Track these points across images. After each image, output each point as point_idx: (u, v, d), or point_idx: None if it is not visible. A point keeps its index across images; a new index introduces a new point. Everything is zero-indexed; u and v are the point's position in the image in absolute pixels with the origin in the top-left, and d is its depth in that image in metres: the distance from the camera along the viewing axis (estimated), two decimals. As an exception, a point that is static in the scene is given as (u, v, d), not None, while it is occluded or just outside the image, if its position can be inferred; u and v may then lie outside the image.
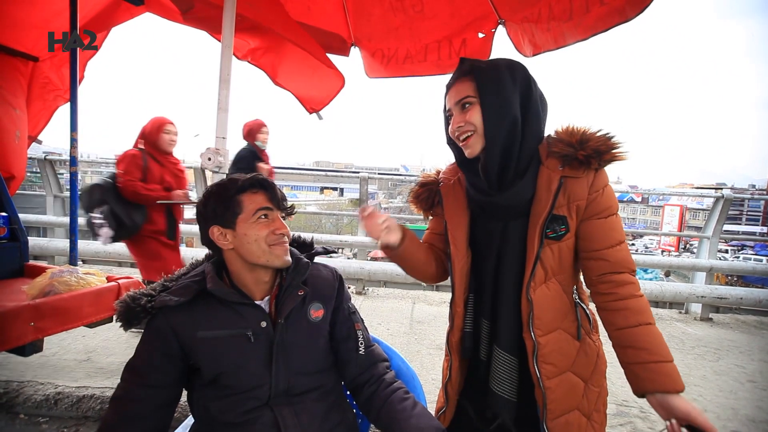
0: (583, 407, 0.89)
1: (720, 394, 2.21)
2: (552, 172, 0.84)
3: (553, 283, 0.86)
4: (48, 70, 2.09)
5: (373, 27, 1.92)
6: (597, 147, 0.81)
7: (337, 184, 46.80)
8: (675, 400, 0.74)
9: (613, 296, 0.83)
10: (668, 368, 0.76)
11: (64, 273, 1.34)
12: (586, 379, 0.90)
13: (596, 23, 1.33)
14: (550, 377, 0.85)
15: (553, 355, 0.85)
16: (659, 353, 0.77)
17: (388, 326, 2.93)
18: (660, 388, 0.75)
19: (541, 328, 0.84)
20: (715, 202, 3.83)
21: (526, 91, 0.85)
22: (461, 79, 0.87)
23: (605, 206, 0.83)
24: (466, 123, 0.86)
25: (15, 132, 1.86)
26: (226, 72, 1.20)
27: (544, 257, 0.84)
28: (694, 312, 3.63)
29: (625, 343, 0.80)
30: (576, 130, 0.83)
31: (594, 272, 0.85)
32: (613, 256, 0.83)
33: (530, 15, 1.56)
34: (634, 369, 0.79)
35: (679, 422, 0.73)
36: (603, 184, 0.83)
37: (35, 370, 2.00)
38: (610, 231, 0.83)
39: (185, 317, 0.83)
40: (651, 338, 0.78)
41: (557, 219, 0.83)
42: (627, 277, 0.83)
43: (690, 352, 2.79)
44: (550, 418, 0.85)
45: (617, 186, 25.67)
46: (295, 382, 0.86)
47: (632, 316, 0.80)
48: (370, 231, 0.91)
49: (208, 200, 0.87)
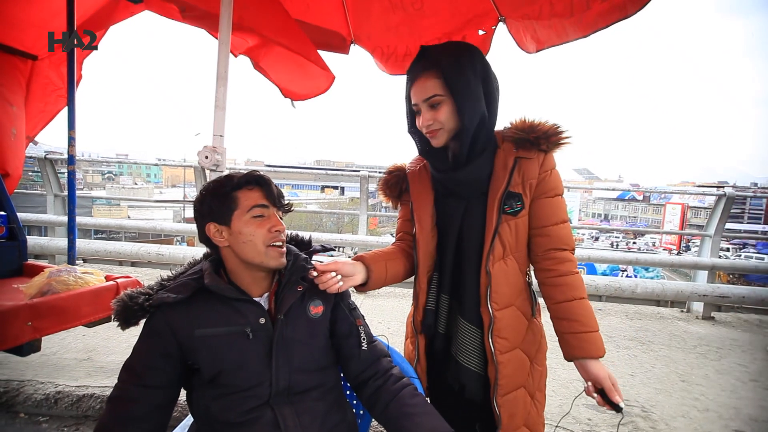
0: (529, 385, 0.98)
1: (722, 393, 2.20)
2: (507, 154, 0.93)
3: (510, 260, 0.94)
4: (48, 69, 2.08)
5: (372, 25, 1.91)
6: (545, 131, 0.91)
7: (338, 182, 46.85)
8: (594, 365, 0.86)
9: (553, 272, 0.92)
10: (594, 337, 0.88)
11: (62, 272, 1.33)
12: (532, 358, 0.99)
13: (597, 20, 1.32)
14: (503, 352, 0.92)
15: (507, 330, 0.93)
16: (588, 324, 0.89)
17: (388, 325, 2.93)
18: (586, 354, 0.87)
19: (497, 302, 0.92)
20: (717, 200, 3.81)
21: (485, 77, 0.91)
22: (426, 74, 0.90)
23: (552, 186, 0.93)
24: (435, 122, 0.91)
25: (11, 129, 1.85)
26: (224, 69, 1.19)
27: (502, 232, 0.92)
28: (696, 310, 3.62)
29: (561, 316, 0.91)
30: (527, 121, 0.94)
31: (540, 248, 0.94)
32: (556, 232, 0.93)
33: (531, 12, 1.54)
34: (566, 338, 0.90)
35: (594, 385, 0.86)
36: (551, 166, 0.93)
37: (35, 369, 2.00)
38: (555, 209, 0.93)
39: (183, 315, 0.82)
40: (583, 311, 0.89)
41: (513, 196, 0.92)
42: (567, 254, 0.93)
43: (692, 350, 2.78)
44: (500, 394, 0.93)
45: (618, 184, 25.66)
46: (295, 380, 0.85)
47: (569, 291, 0.90)
48: (328, 289, 0.90)
49: (204, 197, 0.87)
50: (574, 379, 2.15)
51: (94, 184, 48.38)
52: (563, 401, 1.95)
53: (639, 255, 4.26)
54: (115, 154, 62.34)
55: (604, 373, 0.86)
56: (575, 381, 2.14)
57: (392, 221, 35.80)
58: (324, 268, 0.90)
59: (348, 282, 0.94)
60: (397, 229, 1.14)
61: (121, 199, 23.54)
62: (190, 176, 29.17)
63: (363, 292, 1.02)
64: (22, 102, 2.00)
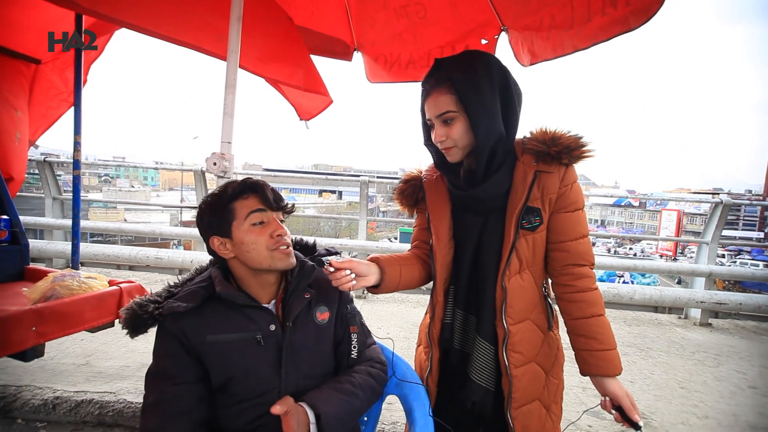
0: (544, 398, 0.96)
1: (721, 400, 2.21)
2: (527, 167, 0.90)
3: (527, 274, 0.92)
4: (51, 73, 2.09)
5: (376, 32, 1.93)
6: (567, 144, 0.87)
7: (335, 187, 46.87)
8: (612, 382, 0.86)
9: (571, 288, 0.90)
10: (611, 355, 0.87)
11: (66, 277, 1.33)
12: (548, 371, 0.97)
13: (597, 33, 1.33)
14: (517, 366, 0.91)
15: (521, 344, 0.91)
16: (606, 342, 0.87)
17: (388, 330, 2.92)
18: (603, 372, 0.87)
19: (512, 317, 0.90)
20: (714, 207, 3.84)
21: (504, 90, 0.88)
22: (439, 89, 0.88)
23: (573, 200, 0.90)
24: (448, 138, 0.89)
25: (15, 133, 1.85)
26: (232, 77, 1.20)
27: (519, 247, 0.90)
28: (693, 317, 3.64)
29: (579, 332, 0.89)
30: (548, 131, 0.90)
31: (558, 263, 0.92)
32: (575, 248, 0.90)
33: (532, 22, 1.56)
34: (583, 355, 0.89)
35: (612, 401, 0.85)
36: (572, 179, 0.90)
37: (33, 374, 1.98)
38: (575, 224, 0.91)
39: (194, 322, 0.82)
40: (601, 328, 0.88)
41: (532, 210, 0.89)
42: (586, 270, 0.91)
43: (690, 357, 2.79)
44: (514, 407, 0.91)
45: (615, 191, 25.76)
46: (303, 386, 0.85)
47: (587, 308, 0.89)
48: (341, 286, 0.89)
49: (203, 212, 0.88)
50: (574, 386, 2.15)
51: (91, 186, 48.16)
52: (565, 407, 1.95)
53: (637, 261, 4.29)
54: (112, 157, 62.05)
55: (622, 391, 0.85)
56: (575, 388, 2.15)
57: (389, 227, 35.62)
58: (339, 265, 0.88)
59: (361, 282, 0.92)
60: (412, 237, 1.11)
61: (118, 203, 23.43)
62: (187, 179, 29.02)
63: (375, 293, 1.01)
64: (26, 106, 2.00)
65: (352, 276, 0.89)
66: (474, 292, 0.96)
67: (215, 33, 1.30)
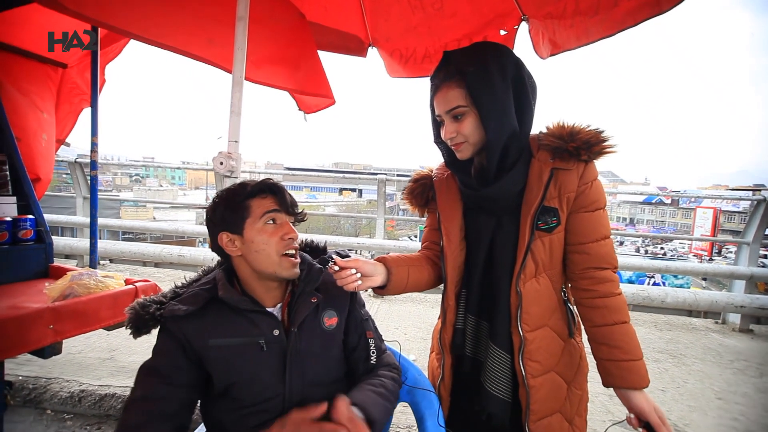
0: (566, 411, 0.89)
1: (764, 414, 2.04)
2: (543, 164, 0.85)
3: (544, 278, 0.87)
4: (75, 76, 2.17)
5: (391, 26, 1.88)
6: (587, 139, 0.82)
7: (356, 185, 47.14)
8: (638, 396, 0.79)
9: (592, 293, 0.84)
10: (637, 366, 0.80)
11: (83, 276, 1.36)
12: (570, 381, 0.91)
13: (624, 18, 1.24)
14: (535, 375, 0.85)
15: (539, 353, 0.86)
16: (631, 352, 0.81)
17: (405, 331, 2.88)
18: (628, 384, 0.80)
19: (528, 323, 0.85)
20: (756, 205, 3.58)
21: (517, 82, 0.83)
22: (448, 83, 0.83)
23: (593, 199, 0.84)
24: (458, 134, 0.85)
25: (42, 135, 1.93)
26: (239, 74, 1.19)
27: (535, 249, 0.85)
28: (732, 322, 3.41)
29: (601, 340, 0.83)
30: (566, 126, 0.84)
31: (577, 266, 0.86)
32: (596, 250, 0.84)
33: (554, 10, 1.48)
34: (606, 365, 0.82)
35: (638, 417, 0.79)
36: (592, 177, 0.84)
37: (61, 367, 2.07)
38: (596, 225, 0.85)
39: (196, 325, 0.81)
40: (625, 337, 0.82)
41: (549, 211, 0.84)
42: (608, 274, 0.85)
43: (729, 366, 2.61)
44: (532, 420, 0.85)
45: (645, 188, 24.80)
46: (309, 394, 0.82)
47: (609, 314, 0.83)
48: (346, 286, 0.86)
49: (217, 206, 0.86)
50: (600, 393, 2.05)
51: (123, 186, 50.49)
52: (590, 418, 1.85)
53: (669, 263, 4.06)
54: (142, 157, 64.72)
55: (649, 406, 0.78)
56: (601, 395, 2.04)
57: (409, 225, 35.69)
58: (344, 264, 0.86)
59: (367, 282, 0.89)
60: (423, 237, 1.08)
61: (147, 202, 24.49)
62: (212, 179, 29.94)
63: (381, 295, 0.98)
64: (53, 108, 2.08)
65: (358, 275, 0.86)
66: (487, 297, 0.91)
67: (220, 45, 1.32)
